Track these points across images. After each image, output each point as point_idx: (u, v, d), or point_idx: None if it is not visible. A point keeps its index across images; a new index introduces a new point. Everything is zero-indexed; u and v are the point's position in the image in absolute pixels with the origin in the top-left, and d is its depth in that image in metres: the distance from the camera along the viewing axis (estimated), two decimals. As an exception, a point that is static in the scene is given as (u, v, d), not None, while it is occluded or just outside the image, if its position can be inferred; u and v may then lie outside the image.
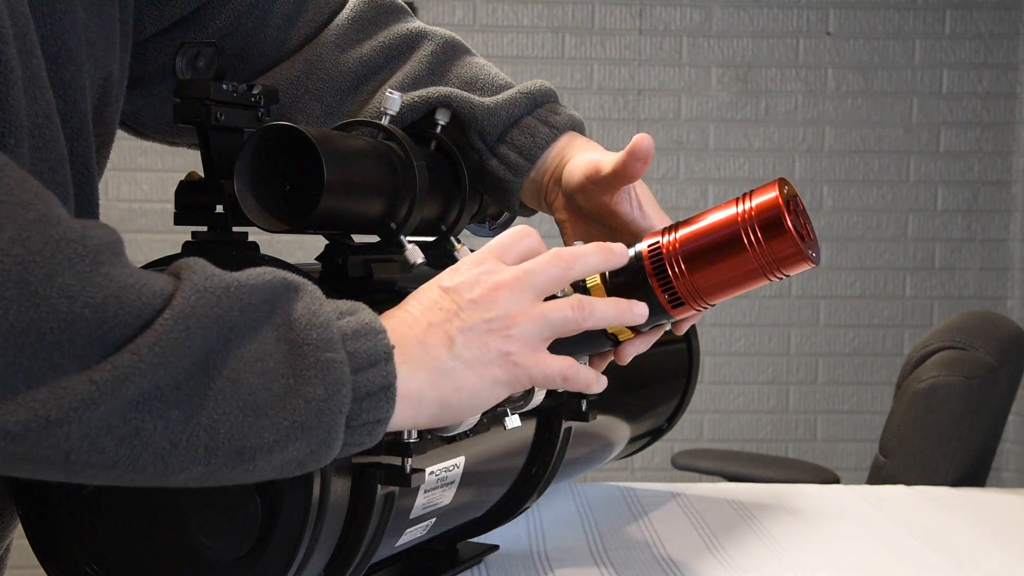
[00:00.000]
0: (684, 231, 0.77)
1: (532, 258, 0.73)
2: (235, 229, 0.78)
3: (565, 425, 0.98)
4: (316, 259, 0.83)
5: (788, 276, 0.76)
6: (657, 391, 1.29)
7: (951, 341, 2.02)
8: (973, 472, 2.04)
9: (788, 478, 2.37)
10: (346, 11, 0.96)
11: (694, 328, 1.27)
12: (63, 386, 0.54)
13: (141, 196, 3.34)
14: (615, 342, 0.80)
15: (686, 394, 1.33)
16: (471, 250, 0.78)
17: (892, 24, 3.50)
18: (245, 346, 0.59)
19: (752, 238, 0.74)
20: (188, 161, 3.14)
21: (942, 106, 3.51)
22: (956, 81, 3.51)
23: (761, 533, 1.15)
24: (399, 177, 0.81)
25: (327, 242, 0.82)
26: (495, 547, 1.04)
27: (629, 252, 0.78)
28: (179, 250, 0.77)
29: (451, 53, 0.95)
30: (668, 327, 0.82)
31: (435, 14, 3.38)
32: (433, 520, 0.86)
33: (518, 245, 0.74)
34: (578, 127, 0.92)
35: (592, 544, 1.09)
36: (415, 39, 0.95)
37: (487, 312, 0.70)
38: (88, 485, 0.73)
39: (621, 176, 0.83)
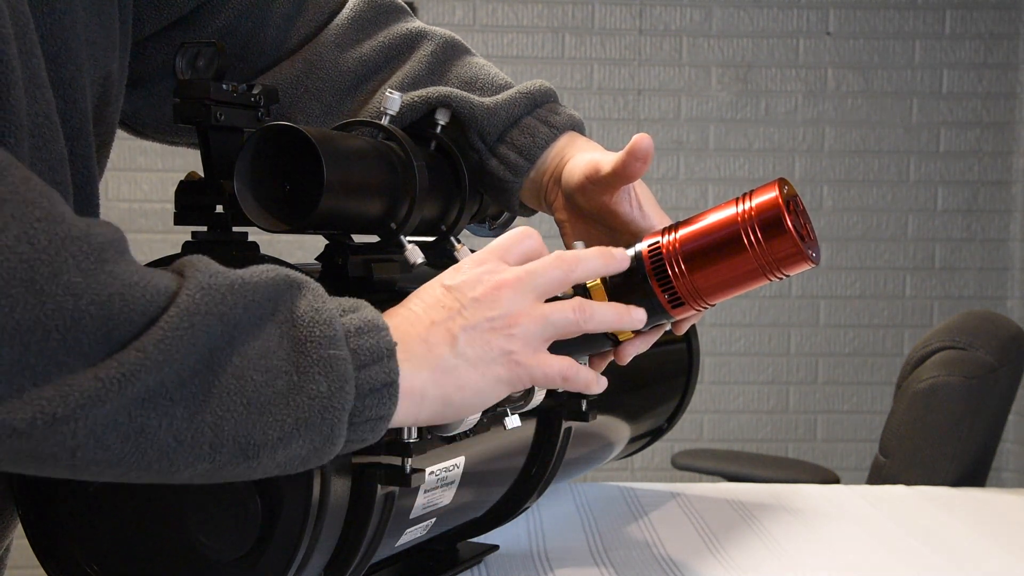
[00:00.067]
0: (684, 231, 0.77)
1: (533, 259, 0.74)
2: (235, 229, 0.78)
3: (565, 425, 0.98)
4: (316, 259, 0.83)
5: (788, 276, 0.76)
6: (657, 391, 1.29)
7: (951, 341, 2.02)
8: (973, 472, 2.04)
9: (788, 478, 2.37)
10: (346, 11, 0.96)
11: (694, 328, 1.27)
12: (69, 383, 0.54)
13: (141, 196, 3.34)
14: (615, 342, 0.80)
15: (686, 394, 1.33)
16: (471, 250, 0.78)
17: (892, 24, 3.50)
18: (249, 343, 0.60)
19: (752, 238, 0.74)
20: (188, 161, 3.14)
21: (942, 106, 3.51)
22: (956, 81, 3.51)
23: (761, 533, 1.15)
24: (399, 177, 0.81)
25: (327, 242, 0.82)
26: (495, 547, 1.04)
27: (629, 252, 0.78)
28: (179, 250, 0.76)
29: (451, 53, 0.95)
30: (668, 327, 0.82)
31: (435, 14, 3.38)
32: (433, 520, 0.86)
33: (520, 246, 0.74)
34: (578, 127, 0.92)
35: (592, 544, 1.09)
36: (415, 39, 0.95)
37: (490, 311, 0.70)
38: (94, 483, 0.73)
39: (621, 176, 0.83)
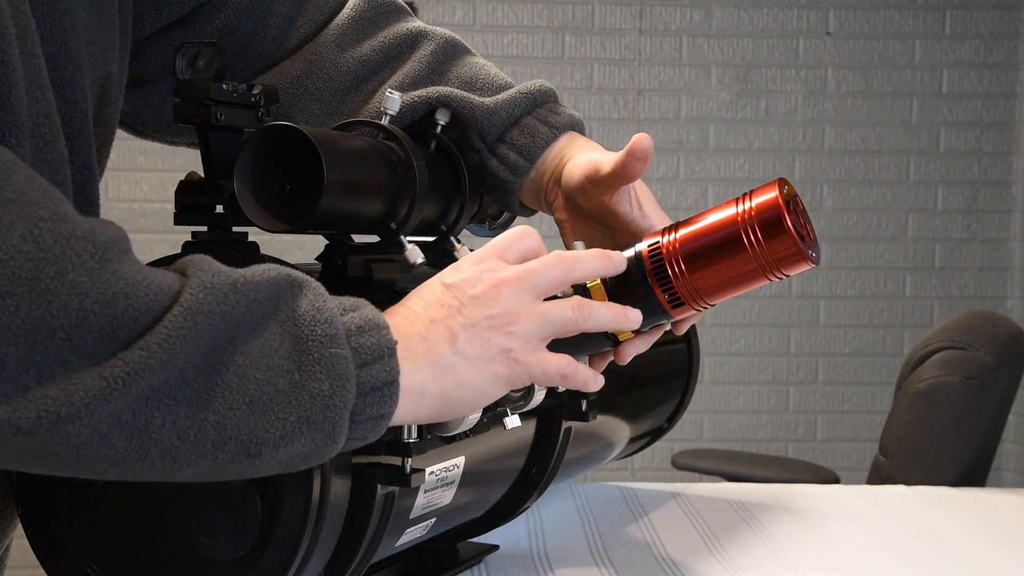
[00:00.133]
0: (684, 231, 0.77)
1: (532, 258, 0.74)
2: (235, 229, 0.78)
3: (565, 425, 0.98)
4: (316, 259, 0.83)
5: (788, 276, 0.76)
6: (657, 391, 1.29)
7: (951, 341, 2.02)
8: (973, 472, 2.04)
9: (788, 478, 2.36)
10: (346, 11, 0.96)
11: (694, 328, 1.27)
12: (74, 382, 0.54)
13: (141, 196, 3.34)
14: (615, 342, 0.80)
15: (686, 394, 1.33)
16: (471, 250, 0.78)
17: (892, 24, 3.50)
18: (251, 342, 0.60)
19: (752, 238, 0.74)
20: (188, 161, 3.14)
21: (942, 106, 3.51)
22: (956, 81, 3.51)
23: (761, 533, 1.15)
24: (399, 177, 0.81)
25: (327, 242, 0.82)
26: (495, 547, 1.04)
27: (629, 253, 0.78)
28: (179, 250, 0.76)
29: (451, 53, 0.95)
30: (668, 327, 0.82)
31: (435, 14, 3.38)
32: (433, 520, 0.86)
33: (519, 245, 0.74)
34: (578, 127, 0.92)
35: (592, 544, 1.09)
36: (415, 39, 0.95)
37: (489, 309, 0.70)
38: (95, 483, 0.73)
39: (620, 176, 0.83)
